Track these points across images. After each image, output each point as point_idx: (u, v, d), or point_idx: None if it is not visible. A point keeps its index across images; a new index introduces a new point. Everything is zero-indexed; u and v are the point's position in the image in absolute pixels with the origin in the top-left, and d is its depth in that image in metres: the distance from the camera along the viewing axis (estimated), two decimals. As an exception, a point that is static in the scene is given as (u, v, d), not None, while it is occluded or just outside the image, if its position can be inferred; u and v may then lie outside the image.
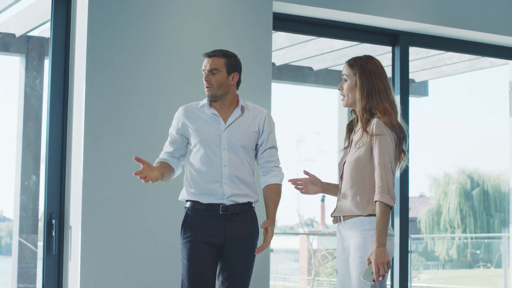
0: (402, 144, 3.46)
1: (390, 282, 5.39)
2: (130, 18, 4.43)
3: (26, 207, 5.07)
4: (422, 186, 22.65)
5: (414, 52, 6.61)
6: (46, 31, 4.87)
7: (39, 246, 4.96)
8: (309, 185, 3.71)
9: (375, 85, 3.47)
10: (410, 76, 5.75)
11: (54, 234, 4.38)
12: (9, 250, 5.32)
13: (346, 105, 3.58)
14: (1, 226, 6.38)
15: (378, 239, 3.30)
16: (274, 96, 4.82)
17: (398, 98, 5.42)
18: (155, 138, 4.26)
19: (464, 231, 20.99)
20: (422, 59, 7.09)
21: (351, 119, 3.62)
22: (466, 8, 5.58)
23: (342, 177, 3.54)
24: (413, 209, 21.06)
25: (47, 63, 4.60)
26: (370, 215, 3.39)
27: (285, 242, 15.51)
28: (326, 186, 3.72)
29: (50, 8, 4.50)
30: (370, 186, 3.42)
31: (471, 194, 21.43)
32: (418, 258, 17.24)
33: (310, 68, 7.53)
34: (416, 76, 7.86)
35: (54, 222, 4.38)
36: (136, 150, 4.31)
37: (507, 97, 6.42)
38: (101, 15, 4.35)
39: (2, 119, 5.26)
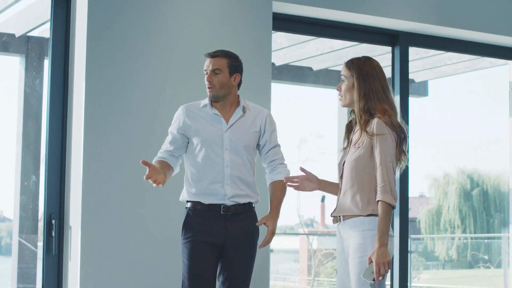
0: (402, 144, 3.46)
1: (390, 282, 5.39)
2: (130, 18, 4.43)
3: (26, 207, 5.07)
4: (422, 186, 22.69)
5: (414, 52, 6.61)
6: (46, 31, 4.87)
7: (39, 246, 4.95)
8: (305, 182, 3.70)
9: (373, 86, 3.47)
10: (410, 76, 5.75)
11: (54, 234, 4.37)
12: (9, 250, 5.31)
13: (344, 105, 3.58)
14: (1, 226, 6.37)
15: (380, 239, 3.30)
16: (273, 96, 4.82)
17: (398, 98, 5.43)
18: (155, 138, 4.26)
19: (464, 231, 20.99)
20: (422, 59, 7.08)
21: (350, 119, 3.62)
22: (466, 8, 5.58)
23: (342, 177, 3.54)
24: (413, 209, 21.06)
25: (47, 63, 4.60)
26: (370, 215, 3.39)
27: (285, 242, 15.51)
28: (322, 183, 3.71)
29: (50, 8, 4.50)
30: (370, 185, 3.42)
31: (471, 194, 21.44)
32: (418, 258, 17.25)
33: (309, 68, 7.53)
34: (416, 76, 7.85)
35: (54, 222, 4.38)
36: (136, 150, 4.31)
37: (507, 97, 6.42)
38: (101, 15, 4.35)
39: (2, 119, 5.26)
